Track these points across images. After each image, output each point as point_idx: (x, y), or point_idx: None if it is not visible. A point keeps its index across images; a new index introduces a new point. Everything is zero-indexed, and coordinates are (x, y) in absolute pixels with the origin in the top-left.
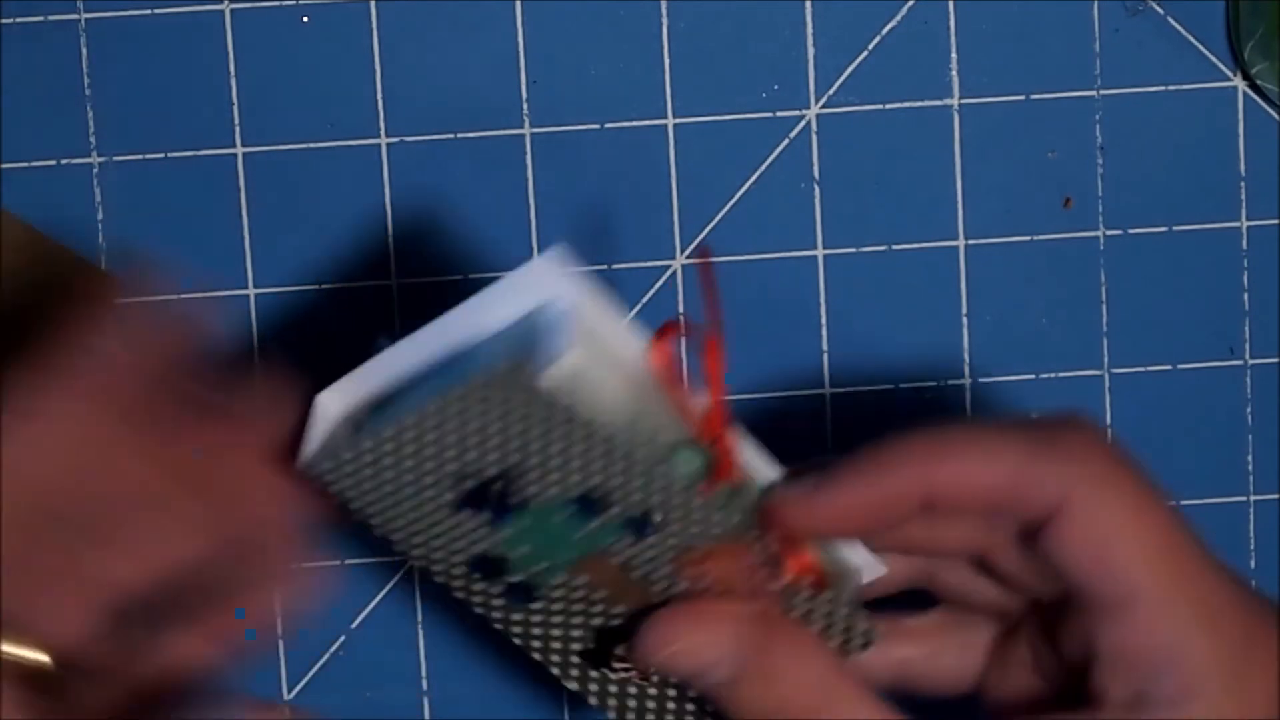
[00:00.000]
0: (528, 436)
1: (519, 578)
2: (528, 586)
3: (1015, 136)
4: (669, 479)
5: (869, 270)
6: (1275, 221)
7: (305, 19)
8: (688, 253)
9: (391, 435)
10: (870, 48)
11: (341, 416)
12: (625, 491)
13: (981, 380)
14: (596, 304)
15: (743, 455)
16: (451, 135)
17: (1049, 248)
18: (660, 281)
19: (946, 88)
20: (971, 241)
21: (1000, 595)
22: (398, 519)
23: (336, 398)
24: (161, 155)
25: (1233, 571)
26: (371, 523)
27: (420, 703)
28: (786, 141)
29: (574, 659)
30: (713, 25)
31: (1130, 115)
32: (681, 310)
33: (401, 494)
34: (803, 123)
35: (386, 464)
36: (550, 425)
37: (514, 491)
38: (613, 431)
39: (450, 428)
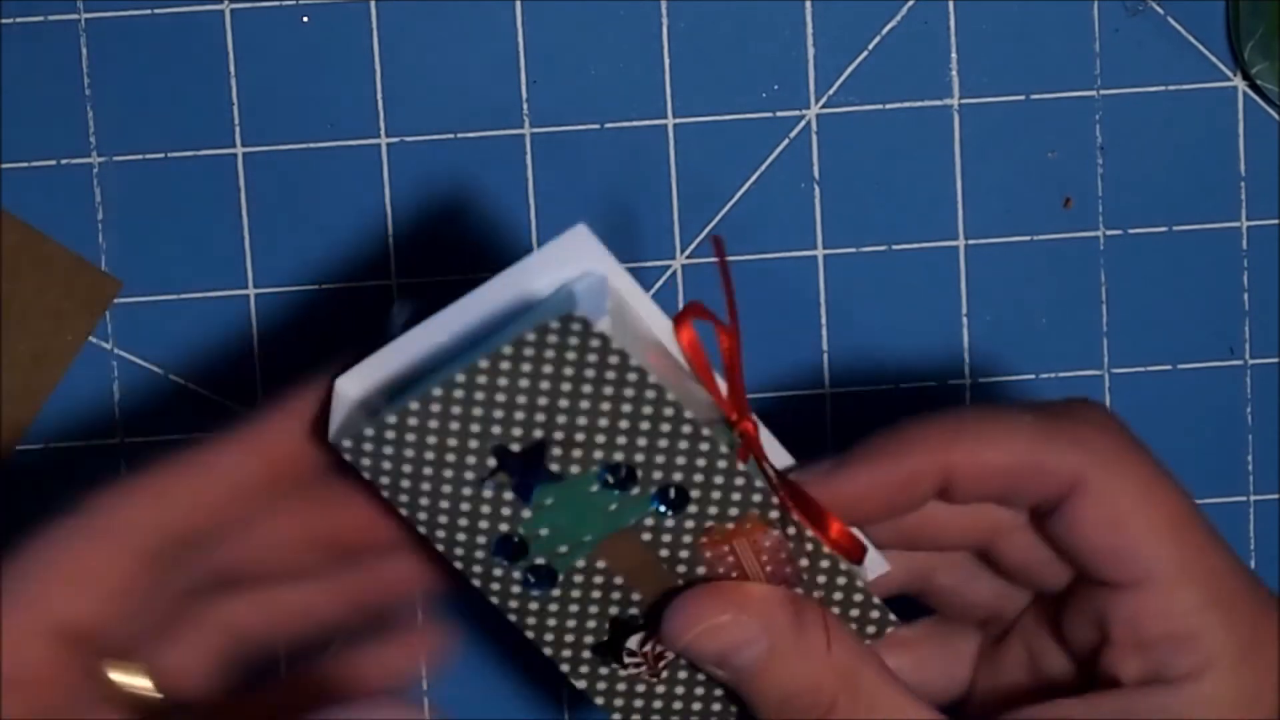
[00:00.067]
0: (574, 396)
1: (541, 560)
2: (549, 570)
3: (1015, 136)
4: (711, 450)
5: (869, 270)
6: (1275, 221)
7: (305, 19)
8: (688, 251)
9: (418, 408)
10: (870, 48)
11: (359, 401)
12: (667, 460)
13: (981, 380)
14: (623, 281)
15: (762, 439)
16: (451, 135)
17: (1049, 248)
18: (660, 281)
19: (946, 88)
20: (971, 241)
21: (997, 594)
22: (422, 497)
23: (355, 382)
24: (161, 155)
25: (1236, 555)
26: (398, 501)
27: (421, 702)
28: (786, 141)
29: (585, 653)
30: (713, 25)
31: (1130, 115)
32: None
33: (425, 470)
34: (803, 123)
35: (410, 439)
36: (599, 381)
37: (548, 461)
38: (663, 389)
39: (480, 397)
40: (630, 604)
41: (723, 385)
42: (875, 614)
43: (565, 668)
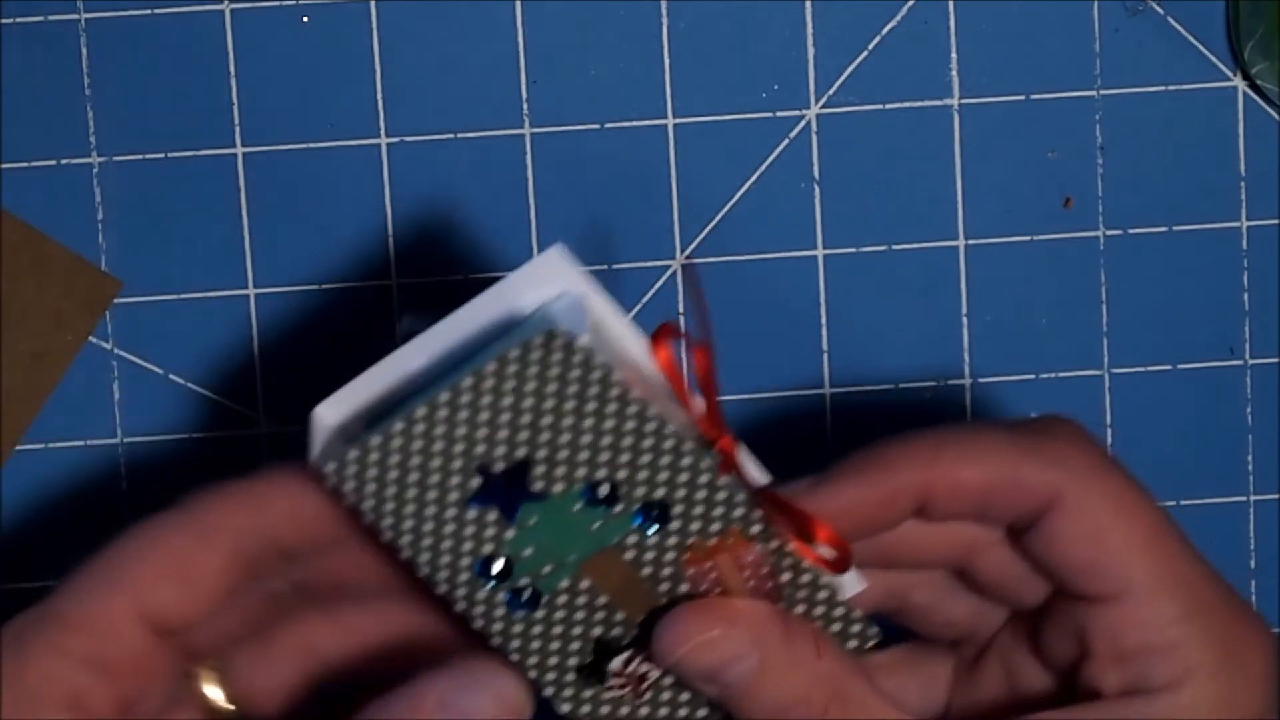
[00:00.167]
0: (557, 414)
1: (526, 580)
2: (534, 591)
3: (1015, 136)
4: (692, 466)
5: (869, 270)
6: (1275, 221)
7: (305, 19)
8: (688, 252)
9: (401, 430)
10: (870, 48)
11: (339, 427)
12: (649, 476)
13: (981, 380)
14: (600, 301)
15: (740, 456)
16: (451, 135)
17: (1049, 248)
18: (660, 281)
19: (946, 88)
20: (971, 241)
21: (974, 611)
22: (406, 521)
23: (335, 409)
24: (161, 155)
25: (1212, 566)
26: (381, 526)
27: None
28: (786, 141)
29: (569, 675)
30: (713, 25)
31: (1130, 115)
32: (681, 310)
33: (409, 493)
34: (803, 123)
35: (394, 462)
36: (582, 397)
37: (531, 480)
38: (645, 405)
39: (463, 417)
40: (614, 624)
41: (699, 404)
42: (857, 627)
43: (549, 690)
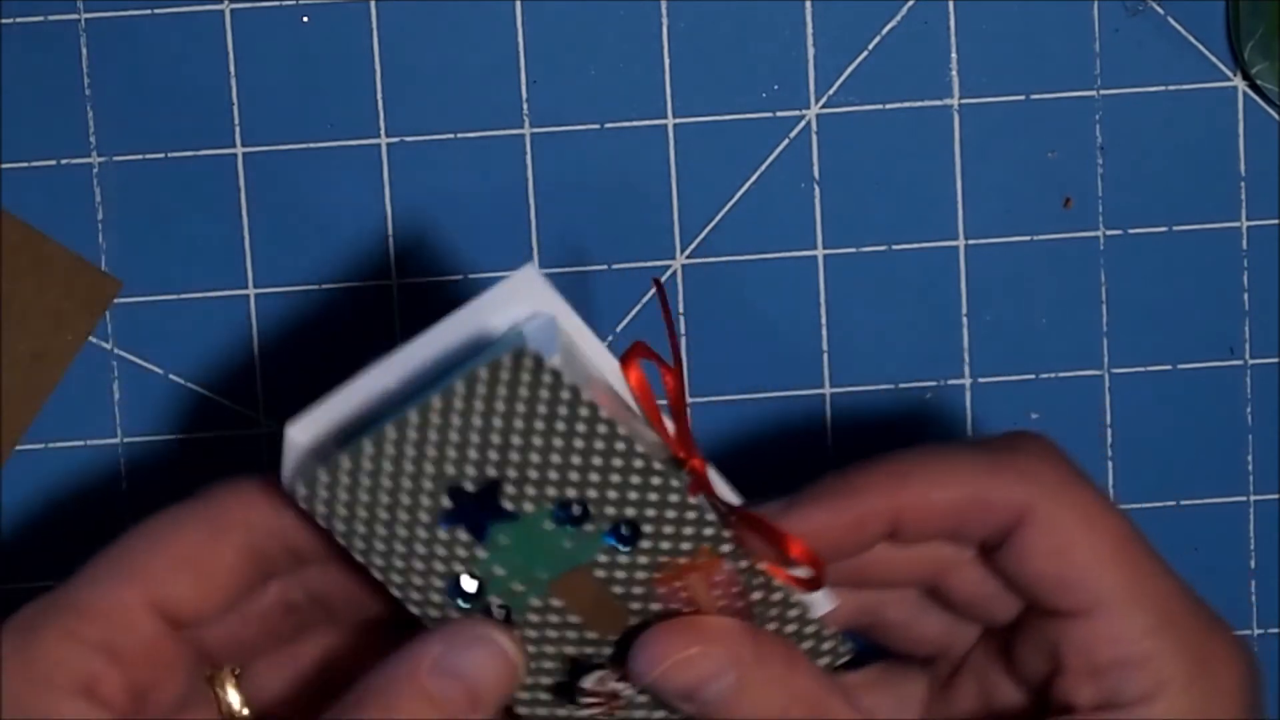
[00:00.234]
0: (527, 433)
1: (497, 600)
2: (505, 611)
3: (1015, 136)
4: (663, 485)
5: (869, 270)
6: (1275, 221)
7: (305, 19)
8: (688, 252)
9: (371, 450)
10: (870, 48)
11: (310, 447)
12: (619, 495)
13: (981, 380)
14: (572, 321)
15: (711, 476)
16: (451, 135)
17: (1049, 248)
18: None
19: (946, 88)
20: (971, 241)
21: (946, 628)
22: (377, 540)
23: (306, 429)
24: (161, 155)
25: (1182, 578)
26: (353, 546)
27: None
28: (786, 141)
29: (542, 695)
30: (713, 25)
31: (1130, 115)
32: (681, 310)
33: (380, 513)
34: (803, 123)
35: (365, 481)
36: (552, 417)
37: (501, 499)
38: (615, 425)
39: (434, 436)
40: (586, 643)
41: (670, 425)
42: (829, 644)
43: (522, 710)
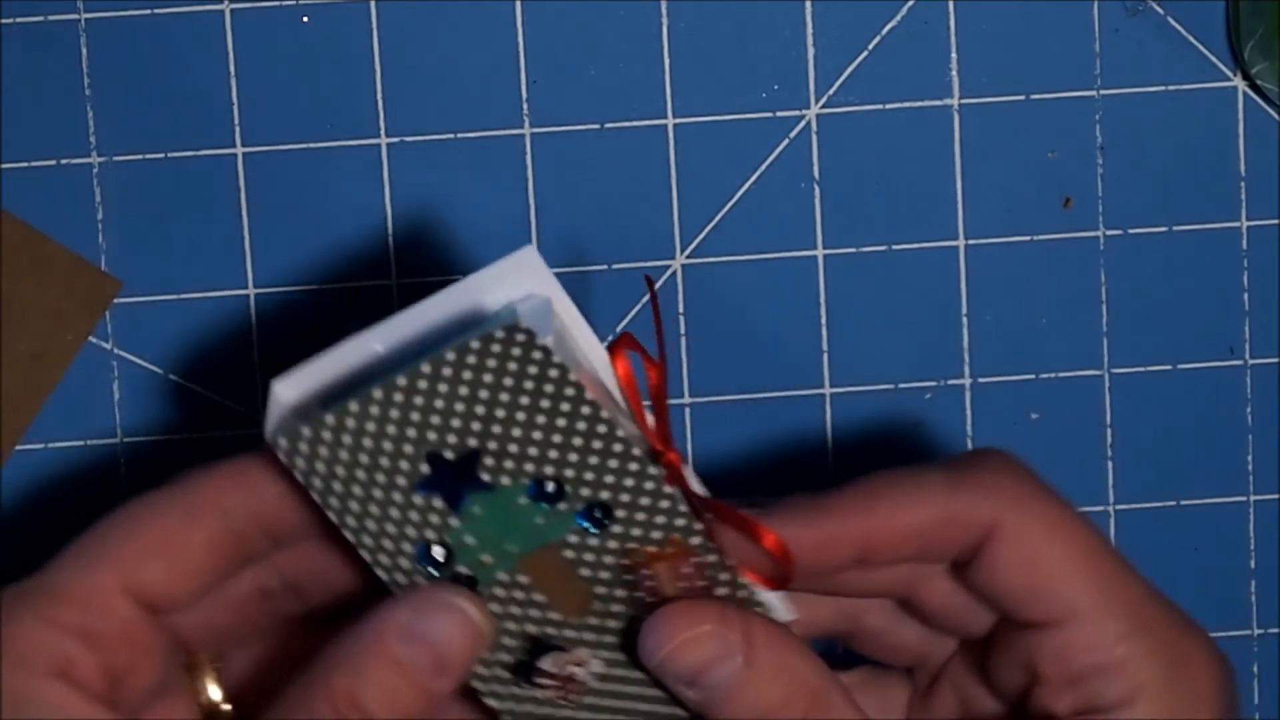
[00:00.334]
0: (511, 407)
1: (465, 570)
2: (471, 581)
3: (1015, 136)
4: (640, 471)
5: (869, 270)
6: (1275, 221)
7: (305, 19)
8: (688, 251)
9: (357, 409)
10: (870, 48)
11: (295, 405)
12: (596, 478)
13: (981, 380)
14: (566, 306)
15: (686, 472)
16: (451, 135)
17: (1049, 248)
18: (660, 281)
19: (946, 88)
20: (971, 241)
21: (923, 640)
22: (353, 501)
23: (292, 387)
24: (161, 155)
25: (1153, 584)
26: (328, 505)
27: None
28: (786, 141)
29: (500, 671)
30: (713, 25)
31: (1130, 115)
32: (681, 310)
33: (359, 474)
34: (803, 123)
35: (347, 441)
36: (537, 394)
37: (479, 470)
38: (598, 407)
39: (419, 402)
40: (548, 623)
41: (651, 418)
42: None
43: (479, 685)
